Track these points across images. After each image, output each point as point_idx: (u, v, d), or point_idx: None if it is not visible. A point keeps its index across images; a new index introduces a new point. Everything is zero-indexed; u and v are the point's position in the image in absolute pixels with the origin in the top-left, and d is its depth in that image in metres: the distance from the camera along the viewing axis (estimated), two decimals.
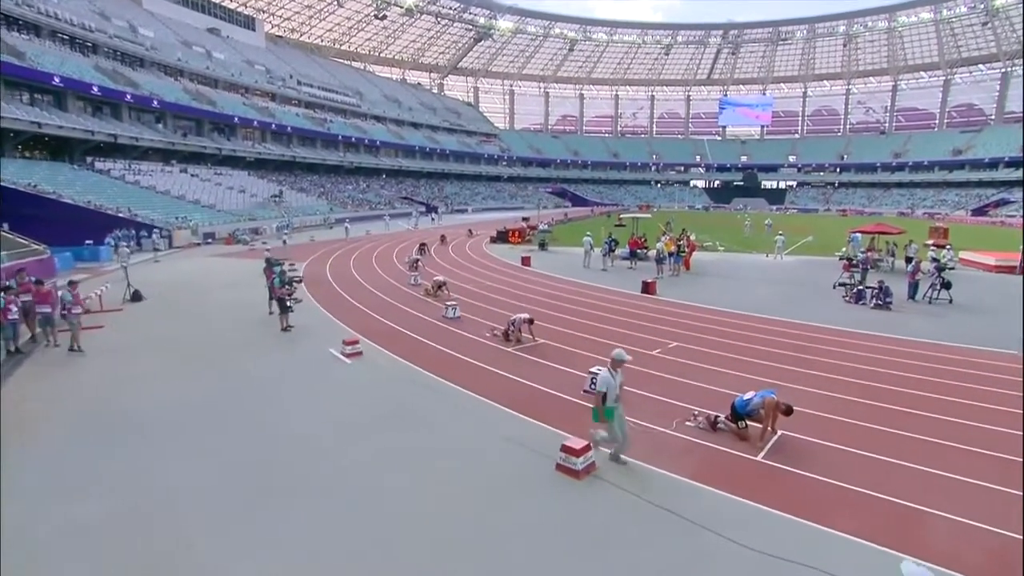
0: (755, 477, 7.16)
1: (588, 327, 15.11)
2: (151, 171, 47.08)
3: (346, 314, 16.35)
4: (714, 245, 35.16)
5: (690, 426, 8.66)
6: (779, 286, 22.02)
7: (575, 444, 7.26)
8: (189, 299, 18.54)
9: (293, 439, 8.22)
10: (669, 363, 11.96)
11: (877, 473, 7.30)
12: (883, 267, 25.35)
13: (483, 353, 12.54)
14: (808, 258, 30.65)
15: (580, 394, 9.95)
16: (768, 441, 8.01)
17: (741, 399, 8.25)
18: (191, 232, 36.37)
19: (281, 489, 6.84)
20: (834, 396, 10.01)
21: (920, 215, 78.99)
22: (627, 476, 7.17)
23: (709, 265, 27.77)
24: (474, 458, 7.72)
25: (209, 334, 14.18)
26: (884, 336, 14.34)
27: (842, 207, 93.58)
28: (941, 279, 18.48)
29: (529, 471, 7.35)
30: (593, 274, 24.89)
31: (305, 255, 29.71)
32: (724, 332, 14.67)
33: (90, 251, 26.13)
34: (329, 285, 21.18)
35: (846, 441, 8.15)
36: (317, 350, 12.71)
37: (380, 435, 8.37)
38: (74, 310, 12.48)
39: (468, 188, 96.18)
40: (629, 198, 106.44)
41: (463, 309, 17.21)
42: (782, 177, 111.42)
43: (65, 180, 37.11)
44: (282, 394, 10.08)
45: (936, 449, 8.04)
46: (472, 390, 10.15)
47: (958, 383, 10.82)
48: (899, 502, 6.57)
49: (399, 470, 7.35)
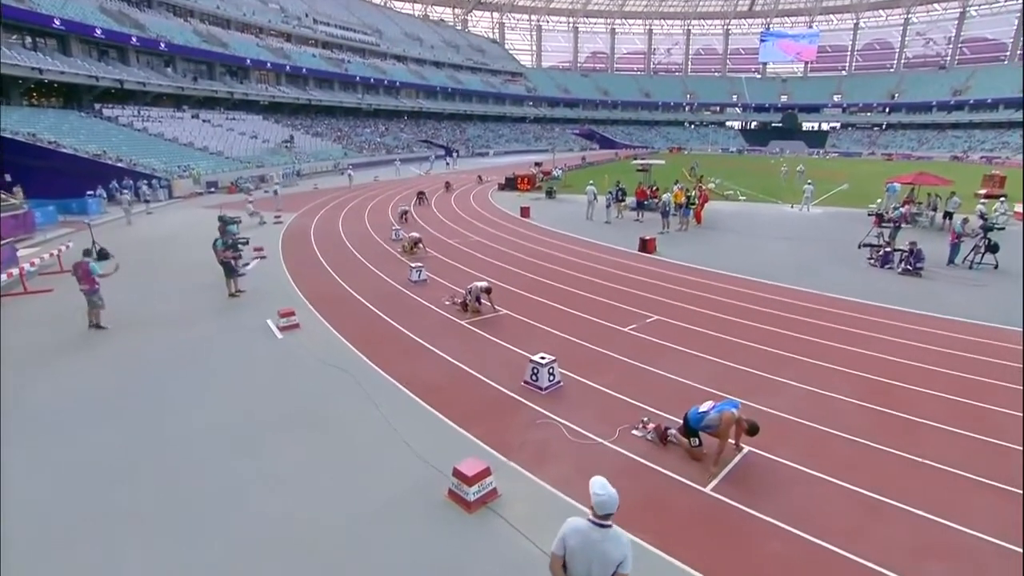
0: (694, 521, 5.66)
1: (563, 294, 13.54)
2: (161, 117, 46.10)
3: (308, 276, 15.17)
4: (735, 194, 32.41)
5: (636, 436, 7.18)
6: (797, 244, 19.76)
7: (469, 469, 5.90)
8: (155, 259, 17.60)
9: (170, 443, 7.11)
10: (640, 344, 10.38)
11: (874, 525, 5.72)
12: (921, 223, 22.60)
13: (431, 328, 11.19)
14: (838, 210, 27.78)
15: (520, 386, 8.55)
16: (723, 466, 6.48)
17: (696, 411, 6.68)
18: (192, 181, 35.55)
19: (123, 512, 5.75)
20: (827, 397, 8.32)
21: (977, 159, 72.06)
22: (530, 510, 5.82)
23: (725, 217, 25.40)
24: (363, 474, 6.47)
25: (153, 300, 13.19)
26: (907, 312, 12.30)
27: (888, 151, 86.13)
28: (987, 240, 15.96)
29: (418, 495, 6.07)
30: (594, 227, 23.00)
31: (298, 206, 28.56)
32: (716, 303, 12.89)
33: (78, 204, 25.43)
34: (306, 242, 19.98)
35: (836, 468, 6.48)
36: (255, 320, 11.60)
37: (273, 439, 7.18)
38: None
39: (491, 130, 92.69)
40: (660, 140, 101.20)
41: (439, 268, 15.92)
42: (824, 118, 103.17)
43: (70, 128, 36.43)
44: (189, 378, 8.97)
45: (959, 485, 6.39)
46: (398, 379, 8.86)
47: (994, 380, 8.93)
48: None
49: (273, 490, 6.16)
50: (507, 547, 5.30)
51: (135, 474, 6.42)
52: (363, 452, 6.95)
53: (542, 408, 7.87)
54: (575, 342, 10.45)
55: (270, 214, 24.84)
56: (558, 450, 6.84)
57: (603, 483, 3.48)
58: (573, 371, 9.05)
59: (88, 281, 10.84)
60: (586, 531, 3.47)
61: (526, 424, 7.46)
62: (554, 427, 7.38)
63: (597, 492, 3.43)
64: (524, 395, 8.27)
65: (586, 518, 3.52)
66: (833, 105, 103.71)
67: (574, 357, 9.68)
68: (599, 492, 3.43)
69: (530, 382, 8.49)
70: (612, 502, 3.42)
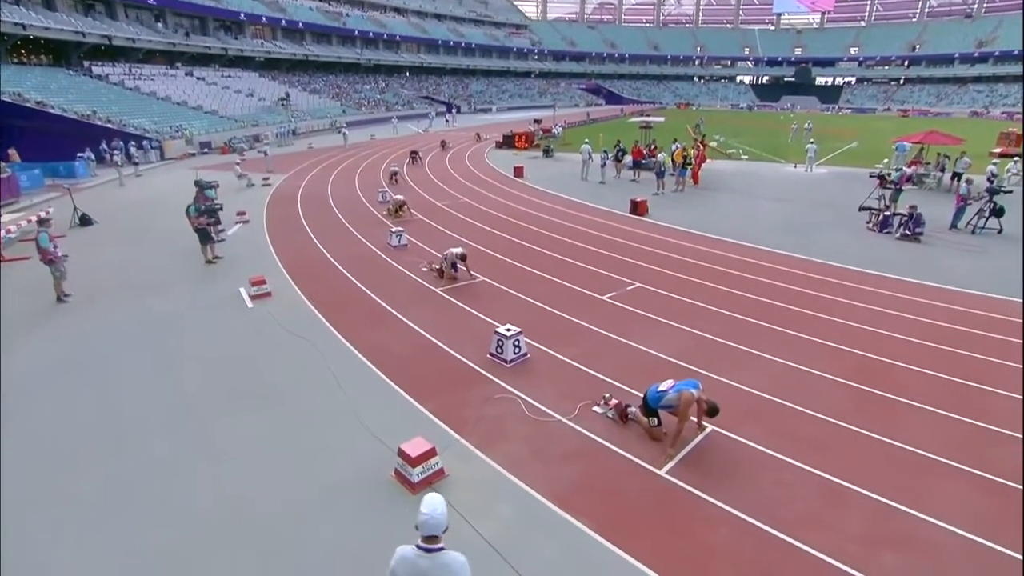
0: (643, 506, 5.42)
1: (545, 260, 13.16)
2: (153, 75, 44.96)
3: (288, 242, 14.84)
4: (737, 153, 31.36)
5: (597, 413, 6.93)
6: (795, 206, 19.09)
7: (413, 449, 5.68)
8: (138, 223, 17.26)
9: (119, 420, 6.93)
10: (616, 313, 10.05)
11: (832, 513, 5.48)
12: (928, 184, 21.73)
13: (404, 295, 10.90)
14: (844, 170, 26.80)
15: (485, 359, 8.29)
16: (682, 447, 6.21)
17: (655, 390, 6.38)
18: (185, 142, 34.89)
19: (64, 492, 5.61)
20: (805, 373, 7.99)
21: (998, 115, 69.21)
22: (475, 492, 5.62)
23: (724, 177, 24.62)
24: (312, 452, 6.29)
25: (129, 266, 12.93)
26: (900, 280, 11.82)
27: (904, 107, 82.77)
28: (992, 204, 15.26)
29: (365, 475, 5.88)
30: (588, 188, 22.37)
31: (289, 167, 27.99)
32: (701, 270, 12.47)
33: (65, 167, 24.99)
34: (292, 205, 19.55)
35: (803, 450, 6.18)
36: (228, 289, 11.36)
37: (228, 415, 6.98)
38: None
39: (495, 85, 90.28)
40: (668, 95, 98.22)
41: (422, 231, 15.57)
42: (839, 72, 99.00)
43: (57, 87, 35.60)
44: (150, 350, 8.77)
45: (931, 470, 6.12)
46: (362, 350, 8.62)
47: (985, 356, 8.54)
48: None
49: (219, 469, 5.98)
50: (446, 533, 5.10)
51: (79, 453, 6.27)
52: (316, 428, 6.76)
53: (504, 382, 7.62)
54: (549, 311, 10.14)
55: (259, 176, 24.35)
56: (513, 428, 6.62)
57: (431, 502, 3.18)
58: (542, 342, 8.77)
59: (41, 252, 10.55)
60: (413, 559, 3.18)
61: (484, 399, 7.23)
62: (513, 402, 7.15)
63: (421, 511, 3.13)
64: (488, 368, 8.02)
65: (415, 543, 3.22)
66: (849, 58, 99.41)
67: (546, 327, 9.39)
68: (423, 511, 3.13)
69: (495, 354, 8.23)
70: (435, 523, 3.12)
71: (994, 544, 4.90)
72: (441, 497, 3.26)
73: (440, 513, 3.14)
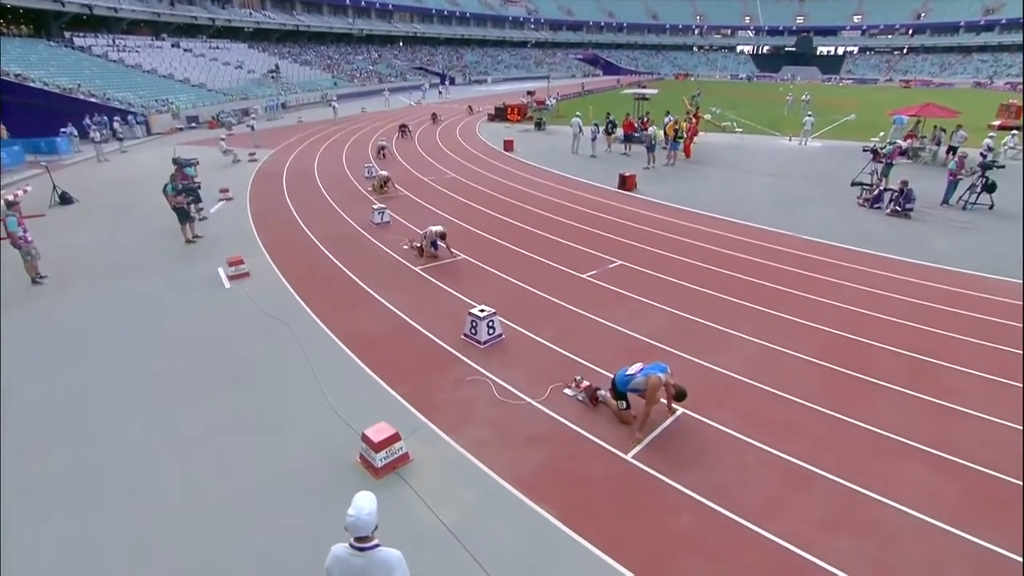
0: (606, 491, 5.38)
1: (529, 237, 13.01)
2: (138, 47, 43.89)
3: (271, 220, 14.64)
4: (732, 125, 30.87)
5: (568, 396, 6.88)
6: (787, 181, 18.83)
7: (376, 434, 5.64)
8: (120, 201, 17.02)
9: (87, 403, 6.88)
10: (596, 292, 9.94)
11: (794, 498, 5.46)
12: (924, 157, 21.42)
13: (383, 275, 10.78)
14: (840, 143, 26.37)
15: (460, 340, 8.21)
16: (651, 431, 6.17)
17: (623, 373, 6.31)
18: (172, 116, 34.26)
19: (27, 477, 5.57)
20: (782, 354, 7.92)
21: (1001, 86, 68.10)
22: (439, 477, 5.59)
23: (717, 151, 24.27)
24: (278, 436, 6.24)
25: (109, 246, 12.76)
26: (886, 258, 11.69)
27: (907, 77, 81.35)
28: (984, 179, 15.02)
29: (330, 459, 5.85)
30: (578, 162, 22.06)
31: (277, 141, 27.54)
32: (686, 247, 12.33)
33: (46, 143, 24.54)
34: (277, 181, 19.26)
35: (772, 434, 6.14)
36: (207, 269, 11.24)
37: (196, 398, 6.94)
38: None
39: (490, 56, 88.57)
40: (667, 66, 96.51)
41: (406, 208, 15.39)
42: (841, 42, 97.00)
43: (38, 60, 34.75)
44: (124, 332, 8.69)
45: (898, 453, 6.09)
46: (336, 332, 8.53)
47: (965, 337, 8.46)
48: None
49: (182, 454, 5.96)
50: (405, 517, 5.09)
51: (46, 439, 6.22)
52: (285, 412, 6.71)
53: (477, 364, 7.56)
54: (528, 290, 10.03)
55: (245, 151, 23.95)
56: (482, 411, 6.57)
57: (358, 502, 3.11)
58: (518, 322, 8.69)
59: (9, 236, 10.37)
60: (346, 558, 3.13)
61: (456, 382, 7.17)
62: (484, 385, 7.09)
63: (348, 513, 3.06)
64: (462, 349, 7.96)
65: (348, 542, 3.16)
66: (852, 27, 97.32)
67: (523, 307, 9.30)
68: (350, 513, 3.06)
69: (469, 335, 8.15)
70: (362, 525, 3.05)
71: (946, 525, 4.91)
72: (371, 496, 3.20)
73: (367, 514, 3.08)
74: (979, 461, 5.70)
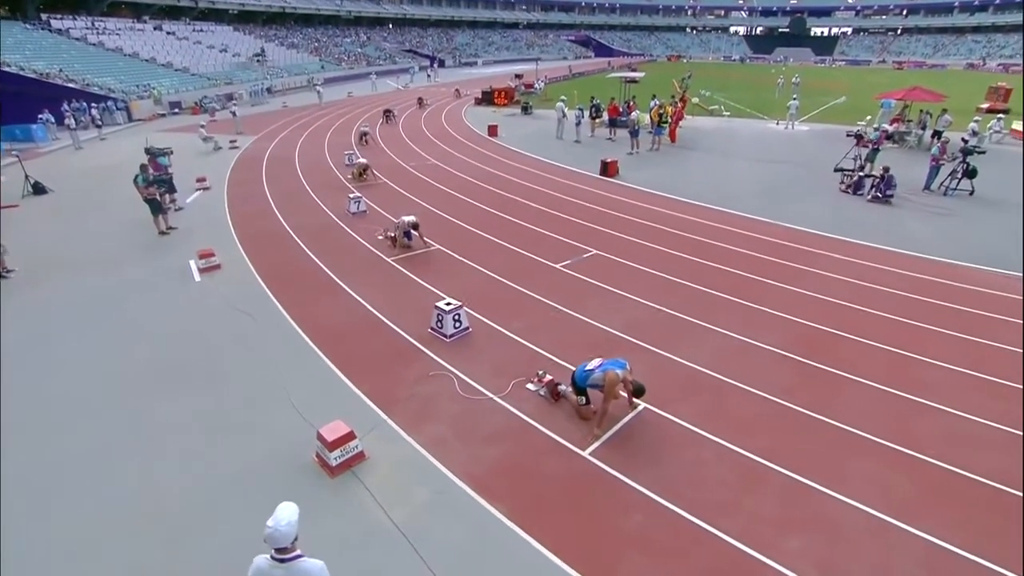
0: (561, 490, 5.33)
1: (505, 225, 12.88)
2: (119, 30, 43.04)
3: (247, 209, 14.43)
4: (719, 109, 30.59)
5: (530, 390, 6.82)
6: (771, 167, 18.70)
7: (331, 433, 5.57)
8: (95, 191, 16.71)
9: (46, 402, 6.77)
10: (567, 283, 9.86)
11: (750, 496, 5.42)
12: (909, 142, 21.30)
13: (354, 266, 10.65)
14: (827, 127, 26.17)
15: (426, 333, 8.13)
16: (611, 426, 6.11)
17: (583, 369, 6.24)
18: (153, 101, 33.66)
19: None
20: (752, 346, 7.88)
21: (994, 67, 67.74)
22: (393, 476, 5.54)
23: (702, 135, 24.07)
24: (237, 435, 6.16)
25: (79, 239, 12.53)
26: (863, 246, 11.62)
27: (900, 59, 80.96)
28: (965, 164, 14.93)
29: (286, 458, 5.79)
30: (561, 147, 21.84)
31: (260, 127, 27.13)
32: (663, 235, 12.24)
33: (21, 130, 24.07)
34: (256, 169, 18.99)
35: (734, 430, 6.09)
36: (179, 261, 11.06)
37: (158, 396, 6.83)
38: None
39: (481, 37, 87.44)
40: (660, 47, 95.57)
41: (384, 196, 15.24)
42: (835, 22, 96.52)
43: (14, 43, 33.88)
44: (90, 328, 8.54)
45: (859, 448, 6.07)
46: (303, 326, 8.43)
47: (938, 328, 8.44)
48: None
49: (139, 454, 5.87)
50: (357, 516, 5.05)
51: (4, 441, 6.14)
52: (246, 410, 6.63)
53: (441, 358, 7.49)
54: (499, 281, 9.94)
55: (227, 138, 23.58)
56: (443, 407, 6.52)
57: (278, 514, 3.07)
58: (487, 315, 8.61)
59: None
60: (267, 570, 3.10)
61: (419, 377, 7.10)
62: (447, 380, 7.03)
63: (267, 524, 3.02)
64: (428, 343, 7.88)
65: (269, 553, 3.13)
66: (846, 8, 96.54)
67: (493, 299, 9.22)
68: (268, 524, 3.02)
69: (435, 329, 8.07)
70: (280, 536, 3.01)
71: (897, 521, 4.90)
72: (292, 508, 3.15)
73: (285, 525, 3.02)
74: (936, 455, 5.69)
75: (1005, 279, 10.00)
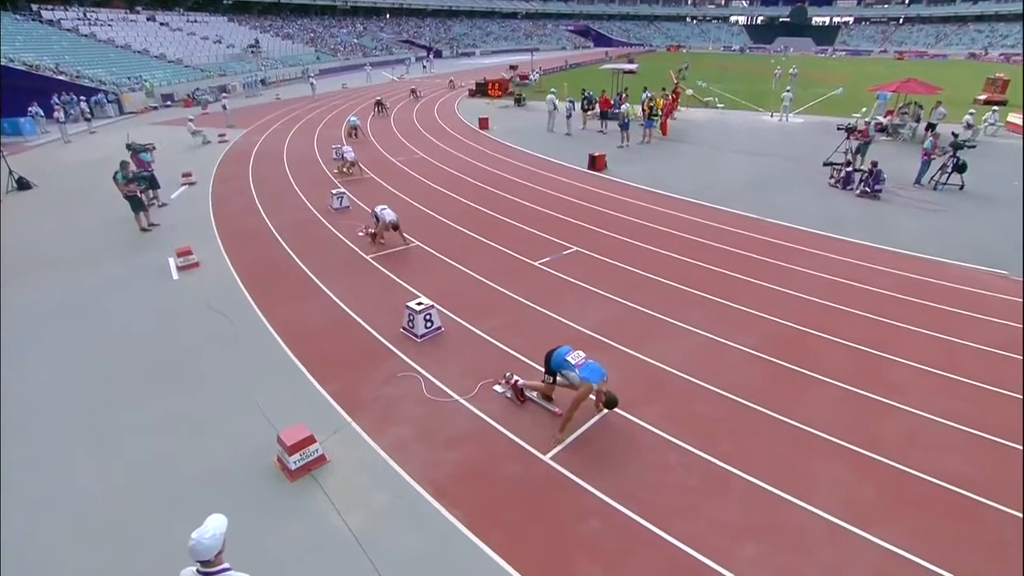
0: (519, 495, 5.29)
1: (487, 221, 12.79)
2: (111, 21, 42.74)
3: (230, 206, 14.34)
4: (713, 101, 30.34)
5: (497, 392, 6.78)
6: (761, 160, 18.56)
7: (291, 436, 5.53)
8: (79, 187, 16.59)
9: (15, 406, 6.73)
10: (545, 281, 9.79)
11: (709, 502, 5.39)
12: (903, 135, 21.11)
13: (332, 264, 10.57)
14: (822, 119, 25.94)
15: (398, 333, 8.08)
16: (569, 433, 6.01)
17: (563, 356, 6.06)
18: (145, 94, 33.44)
19: None
20: (725, 346, 7.82)
21: (995, 57, 67.13)
22: (353, 480, 5.51)
23: (695, 128, 23.89)
24: (202, 438, 6.12)
25: (61, 236, 12.45)
26: (847, 243, 11.53)
27: (901, 49, 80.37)
28: (955, 159, 14.79)
29: (248, 461, 5.74)
30: (552, 140, 21.69)
31: (251, 120, 26.96)
32: (645, 232, 12.15)
33: (9, 123, 23.92)
34: (244, 164, 18.86)
35: (698, 433, 6.04)
36: (159, 259, 10.99)
37: (124, 399, 6.78)
38: None
39: (479, 27, 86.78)
40: (659, 37, 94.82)
41: (369, 191, 15.14)
42: (837, 12, 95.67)
43: (4, 34, 33.53)
44: (63, 328, 8.49)
45: (824, 452, 6.03)
46: (277, 326, 8.36)
47: (916, 328, 8.38)
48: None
49: (101, 458, 5.83)
50: (314, 522, 5.02)
51: None
52: (213, 411, 6.58)
53: (411, 359, 7.44)
54: (476, 279, 9.87)
55: (215, 132, 23.42)
56: (408, 410, 6.47)
57: (204, 526, 3.05)
58: (460, 314, 8.55)
59: None
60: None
61: (387, 378, 7.05)
62: (415, 381, 6.98)
63: (191, 537, 2.99)
64: (399, 343, 7.82)
65: (195, 567, 3.11)
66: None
67: (468, 297, 9.16)
68: (191, 537, 2.99)
69: (407, 329, 8.02)
70: (203, 549, 2.99)
71: (856, 528, 4.86)
72: (219, 520, 3.11)
73: (209, 538, 3.00)
74: (898, 459, 5.65)
75: (990, 277, 9.93)
